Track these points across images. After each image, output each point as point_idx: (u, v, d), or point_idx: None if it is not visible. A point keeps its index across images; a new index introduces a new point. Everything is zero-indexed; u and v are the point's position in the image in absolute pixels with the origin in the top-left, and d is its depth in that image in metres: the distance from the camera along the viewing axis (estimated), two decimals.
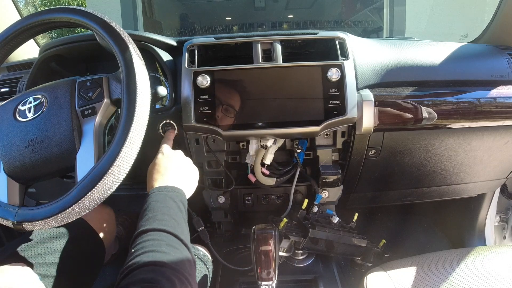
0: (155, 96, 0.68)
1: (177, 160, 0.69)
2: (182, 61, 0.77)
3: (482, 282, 0.69)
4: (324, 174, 0.86)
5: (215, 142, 0.87)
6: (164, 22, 2.33)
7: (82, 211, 0.52)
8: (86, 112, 0.60)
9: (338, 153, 0.90)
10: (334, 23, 2.08)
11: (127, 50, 0.57)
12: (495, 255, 0.77)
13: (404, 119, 0.80)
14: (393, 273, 0.74)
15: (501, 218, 1.29)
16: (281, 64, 0.76)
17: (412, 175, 0.96)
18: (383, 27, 2.04)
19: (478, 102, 0.82)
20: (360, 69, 0.79)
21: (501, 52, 0.89)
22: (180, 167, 0.68)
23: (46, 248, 0.71)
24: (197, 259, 0.75)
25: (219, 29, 2.02)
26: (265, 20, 2.09)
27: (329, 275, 0.92)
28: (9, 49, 0.65)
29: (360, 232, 0.91)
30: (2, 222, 0.55)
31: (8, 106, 0.62)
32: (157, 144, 0.83)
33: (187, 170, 0.69)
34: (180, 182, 0.65)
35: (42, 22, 0.62)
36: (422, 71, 0.83)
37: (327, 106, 0.75)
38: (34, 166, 0.58)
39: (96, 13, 0.59)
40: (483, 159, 0.95)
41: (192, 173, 0.71)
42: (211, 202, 0.93)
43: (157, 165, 0.66)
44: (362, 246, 0.90)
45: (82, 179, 0.52)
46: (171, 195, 0.61)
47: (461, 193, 1.08)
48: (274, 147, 0.84)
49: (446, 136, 0.87)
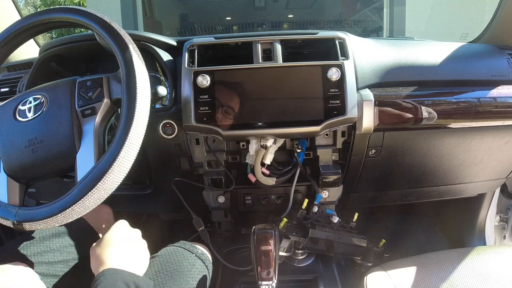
0: (155, 96, 0.68)
1: (125, 237, 0.62)
2: (182, 61, 0.77)
3: (482, 282, 0.69)
4: (324, 174, 0.86)
5: (215, 142, 0.87)
6: (164, 22, 2.33)
7: (82, 211, 0.52)
8: (86, 112, 0.60)
9: (338, 153, 0.90)
10: (334, 23, 2.08)
11: (127, 50, 0.57)
12: (495, 255, 0.77)
13: (404, 119, 0.80)
14: (393, 273, 0.74)
15: (501, 218, 1.29)
16: (281, 64, 0.76)
17: (412, 175, 0.96)
18: (383, 27, 2.05)
19: (478, 102, 0.82)
20: (360, 69, 0.79)
21: (501, 52, 0.89)
22: (129, 244, 0.61)
23: (45, 246, 0.71)
24: (196, 258, 0.75)
25: (219, 29, 2.02)
26: (265, 20, 2.09)
27: (329, 275, 0.92)
28: (9, 49, 0.65)
29: (360, 232, 0.91)
30: (2, 222, 0.55)
31: (8, 106, 0.62)
32: (157, 144, 0.83)
33: (135, 246, 0.62)
34: (129, 262, 0.58)
35: (42, 22, 0.62)
36: (422, 71, 0.83)
37: (327, 106, 0.75)
38: (34, 166, 0.58)
39: (96, 13, 0.59)
40: (483, 159, 0.95)
41: (142, 249, 0.63)
42: (211, 202, 0.93)
43: (106, 243, 0.59)
44: (362, 246, 0.90)
45: (82, 179, 0.52)
46: (122, 277, 0.53)
47: (461, 193, 1.08)
48: (274, 147, 0.84)
49: (446, 136, 0.87)
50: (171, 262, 0.70)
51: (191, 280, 0.69)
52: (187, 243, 0.78)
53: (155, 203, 1.09)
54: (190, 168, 0.90)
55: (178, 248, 0.75)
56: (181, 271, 0.69)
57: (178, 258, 0.72)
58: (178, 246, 0.76)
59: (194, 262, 0.73)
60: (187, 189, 0.89)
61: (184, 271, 0.70)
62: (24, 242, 0.70)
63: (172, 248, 0.75)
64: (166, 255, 0.72)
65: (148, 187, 0.98)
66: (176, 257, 0.72)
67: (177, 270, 0.69)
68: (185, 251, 0.75)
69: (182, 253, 0.74)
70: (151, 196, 0.99)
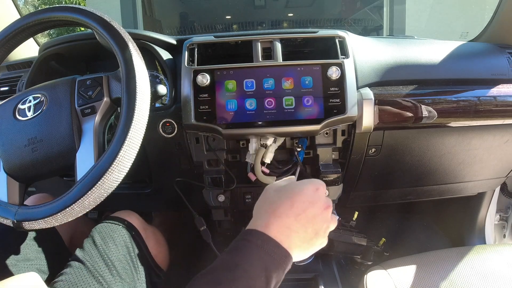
0: (155, 95, 0.68)
1: (318, 209, 0.46)
2: (182, 59, 0.77)
3: (482, 281, 0.69)
4: (324, 172, 0.86)
5: (215, 140, 0.87)
6: (164, 20, 2.33)
7: (82, 210, 0.52)
8: (86, 111, 0.60)
9: (338, 152, 0.90)
10: (334, 22, 2.08)
11: (127, 49, 0.57)
12: (495, 254, 0.77)
13: (404, 117, 0.80)
14: (393, 271, 0.74)
15: (501, 217, 1.29)
16: (281, 62, 0.76)
17: (412, 173, 0.96)
18: (383, 26, 2.05)
19: (478, 100, 0.82)
20: (360, 67, 0.79)
21: (501, 50, 0.89)
22: (315, 221, 0.46)
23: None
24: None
25: (219, 28, 2.03)
26: (265, 18, 2.09)
27: (329, 273, 0.92)
28: (8, 48, 0.65)
29: (360, 230, 0.91)
30: (2, 221, 0.55)
31: (8, 105, 0.62)
32: (157, 143, 0.83)
33: (317, 230, 0.47)
34: (300, 246, 0.44)
35: (42, 21, 0.62)
36: (422, 70, 0.83)
37: (327, 105, 0.75)
38: (34, 165, 0.58)
39: (96, 12, 0.59)
40: (483, 157, 0.95)
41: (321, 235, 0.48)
42: (211, 201, 0.93)
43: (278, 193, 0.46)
44: (362, 245, 0.90)
45: (82, 178, 0.52)
46: (269, 266, 0.40)
47: (461, 192, 1.08)
48: (274, 146, 0.84)
49: (446, 134, 0.87)
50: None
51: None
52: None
53: (155, 202, 1.09)
54: (190, 167, 0.90)
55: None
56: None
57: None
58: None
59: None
60: (187, 188, 0.89)
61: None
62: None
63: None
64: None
65: (148, 186, 0.98)
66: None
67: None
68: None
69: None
70: (151, 195, 0.99)
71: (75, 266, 0.68)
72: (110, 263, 0.70)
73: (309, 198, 0.46)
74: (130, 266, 0.73)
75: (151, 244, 0.85)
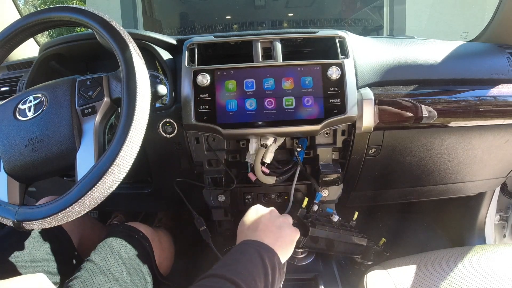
0: (155, 95, 0.68)
1: (275, 219, 0.66)
2: (182, 59, 0.77)
3: (482, 281, 0.69)
4: (324, 172, 0.86)
5: (215, 140, 0.87)
6: (164, 21, 2.33)
7: (83, 210, 0.52)
8: (86, 111, 0.60)
9: (338, 152, 0.90)
10: (334, 22, 2.08)
11: (127, 49, 0.57)
12: (495, 254, 0.77)
13: (404, 117, 0.80)
14: (393, 271, 0.74)
15: (501, 217, 1.29)
16: (281, 62, 0.76)
17: (412, 173, 0.96)
18: (383, 26, 2.05)
19: (478, 100, 0.82)
20: (360, 67, 0.79)
21: (501, 50, 0.89)
22: (280, 227, 0.64)
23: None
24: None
25: (219, 28, 2.02)
26: (265, 18, 2.09)
27: (329, 273, 0.92)
28: (9, 48, 0.65)
29: (360, 230, 0.91)
30: (2, 221, 0.55)
31: (8, 105, 0.63)
32: (157, 143, 0.83)
33: (285, 232, 0.65)
34: (276, 243, 0.61)
35: (42, 21, 0.62)
36: (422, 70, 0.83)
37: (327, 105, 0.75)
38: (34, 165, 0.58)
39: (96, 12, 0.59)
40: (483, 157, 0.95)
41: (292, 236, 0.66)
42: (211, 200, 0.93)
43: (250, 220, 0.65)
44: (362, 245, 0.90)
45: (82, 178, 0.52)
46: (262, 253, 0.56)
47: (461, 192, 1.08)
48: (274, 146, 0.84)
49: (446, 134, 0.87)
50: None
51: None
52: None
53: (155, 202, 1.09)
54: (190, 167, 0.90)
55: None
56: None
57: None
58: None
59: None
60: (187, 188, 0.89)
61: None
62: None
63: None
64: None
65: (148, 186, 0.98)
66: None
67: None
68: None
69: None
70: (151, 195, 0.99)
71: (89, 269, 0.69)
72: (125, 269, 0.71)
73: (255, 216, 0.67)
74: (143, 275, 0.76)
75: (157, 254, 0.87)
